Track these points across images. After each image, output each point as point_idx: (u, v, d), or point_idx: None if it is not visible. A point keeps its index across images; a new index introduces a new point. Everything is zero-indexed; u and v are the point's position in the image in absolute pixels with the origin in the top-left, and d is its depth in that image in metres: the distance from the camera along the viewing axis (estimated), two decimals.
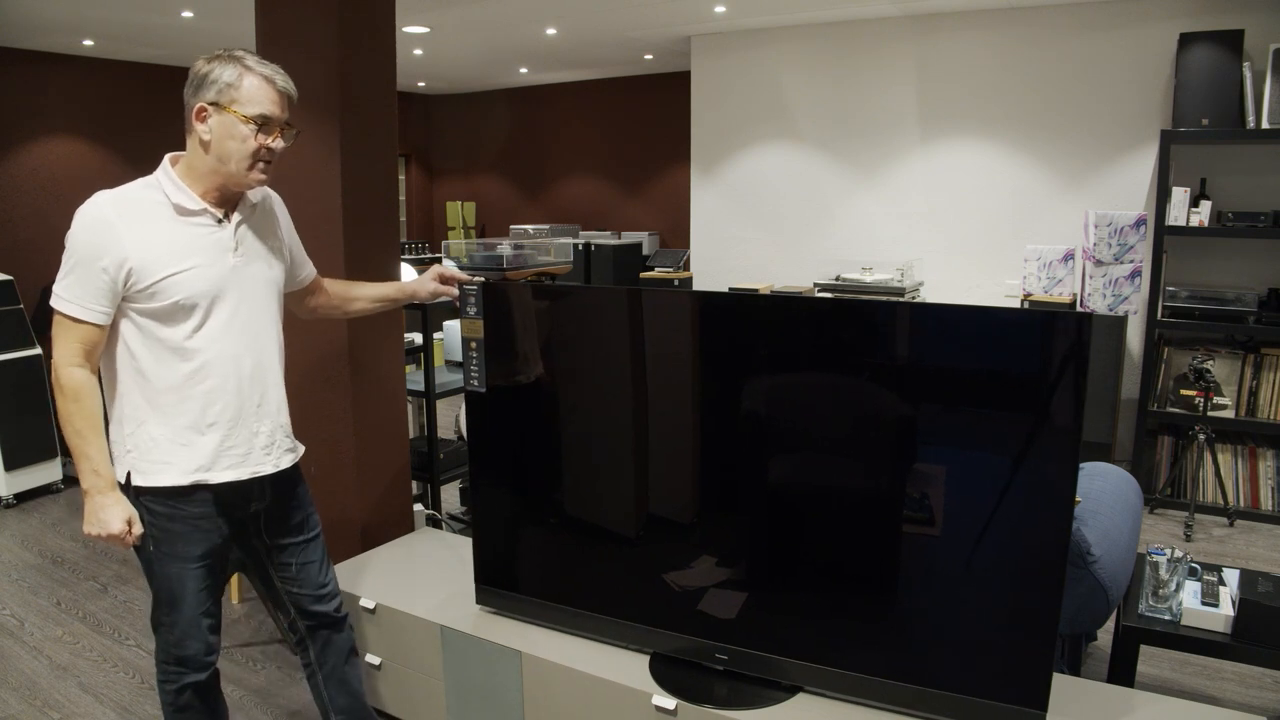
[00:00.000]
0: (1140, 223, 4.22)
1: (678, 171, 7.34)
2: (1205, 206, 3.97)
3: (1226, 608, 2.03)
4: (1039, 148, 4.88)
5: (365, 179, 2.53)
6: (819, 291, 4.95)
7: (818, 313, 1.86)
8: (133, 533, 1.63)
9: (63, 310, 1.59)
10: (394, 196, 2.67)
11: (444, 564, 2.47)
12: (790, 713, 1.78)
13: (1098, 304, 4.32)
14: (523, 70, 7.58)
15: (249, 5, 2.57)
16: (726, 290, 5.22)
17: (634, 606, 1.98)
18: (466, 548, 2.26)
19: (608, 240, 7.24)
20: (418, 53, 6.47)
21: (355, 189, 2.50)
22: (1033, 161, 4.91)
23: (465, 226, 8.85)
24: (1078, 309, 4.42)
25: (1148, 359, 4.15)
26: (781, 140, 5.69)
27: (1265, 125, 3.85)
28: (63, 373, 1.59)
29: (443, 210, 9.17)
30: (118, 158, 6.19)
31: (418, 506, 2.92)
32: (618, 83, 7.89)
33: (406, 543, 2.66)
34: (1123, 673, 2.10)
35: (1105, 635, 2.54)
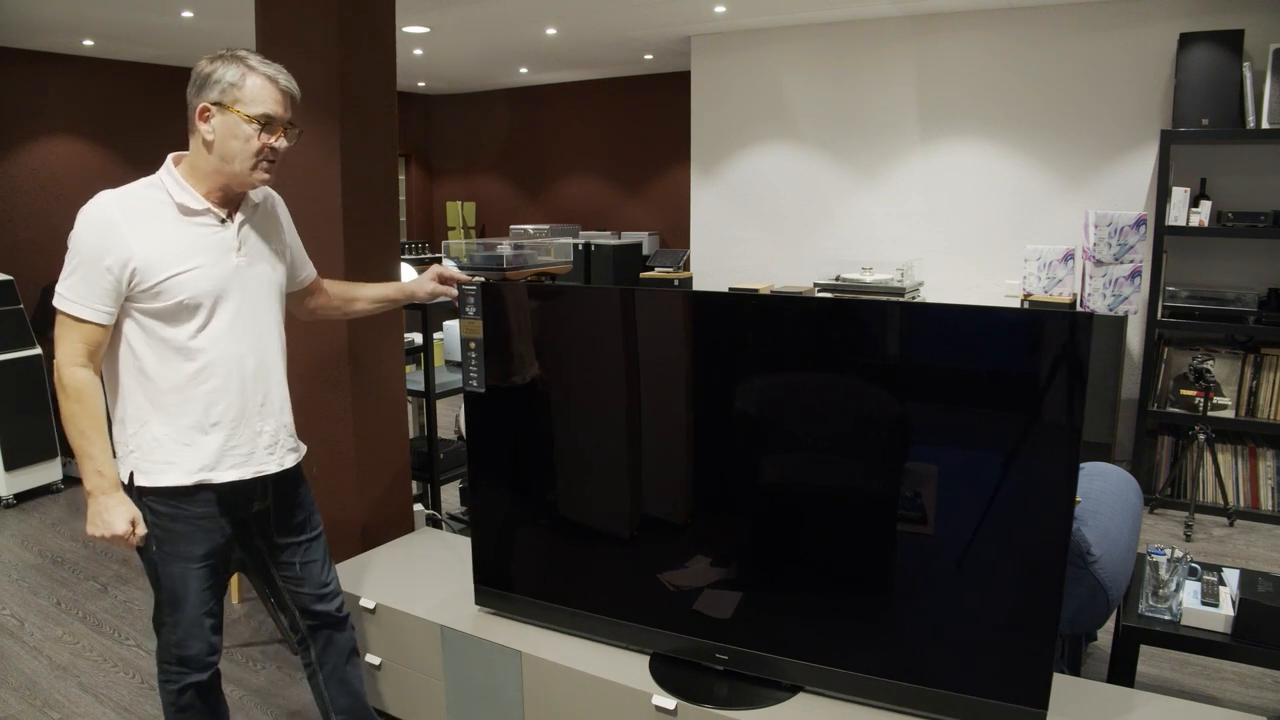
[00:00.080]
0: (1140, 223, 4.22)
1: (678, 171, 7.33)
2: (1205, 206, 3.97)
3: (1226, 608, 2.03)
4: (1039, 148, 4.88)
5: (365, 179, 2.53)
6: (819, 291, 4.95)
7: (819, 313, 1.86)
8: (136, 533, 1.62)
9: (66, 310, 1.58)
10: (394, 196, 2.67)
11: (444, 564, 2.47)
12: (791, 712, 1.78)
13: (1098, 304, 4.32)
14: (523, 70, 7.58)
15: (249, 5, 2.58)
16: (727, 290, 5.22)
17: (634, 607, 1.98)
18: (466, 548, 2.26)
19: (608, 240, 7.23)
20: (418, 53, 6.47)
21: (355, 189, 2.50)
22: (1033, 161, 4.91)
23: (465, 226, 8.85)
24: (1078, 309, 4.42)
25: (1148, 359, 4.15)
26: (781, 140, 5.69)
27: (1265, 125, 3.86)
28: (66, 373, 1.58)
29: (443, 210, 9.17)
30: (118, 158, 6.18)
31: (418, 506, 2.92)
32: (618, 83, 7.89)
33: (406, 543, 2.66)
34: (1123, 673, 2.10)
35: (1105, 635, 2.54)
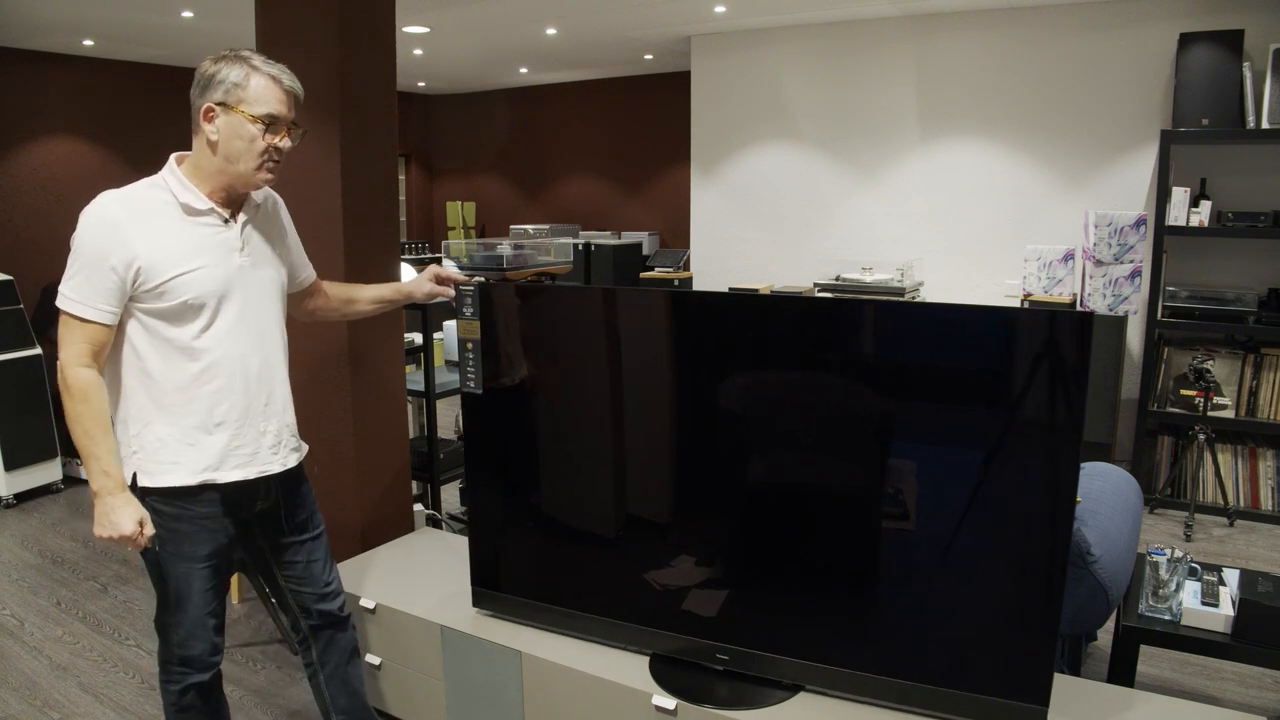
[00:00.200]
0: (1140, 223, 4.22)
1: (678, 171, 7.33)
2: (1205, 206, 3.97)
3: (1226, 608, 2.03)
4: (1039, 148, 4.88)
5: (365, 179, 2.53)
6: (819, 291, 4.95)
7: (821, 313, 1.86)
8: (144, 533, 1.60)
9: (70, 310, 1.58)
10: (394, 196, 2.67)
11: (444, 564, 2.47)
12: (792, 712, 1.78)
13: (1098, 304, 4.32)
14: (523, 70, 7.58)
15: (249, 5, 2.57)
16: (727, 290, 5.22)
17: (633, 608, 1.98)
18: (466, 548, 2.26)
19: (608, 240, 7.23)
20: (418, 53, 6.47)
21: (355, 189, 2.50)
22: (1033, 161, 4.91)
23: (465, 226, 8.85)
24: (1078, 309, 4.42)
25: (1148, 359, 4.15)
26: (781, 140, 5.69)
27: (1265, 125, 3.86)
28: (70, 373, 1.57)
29: (443, 210, 9.17)
30: (118, 158, 6.18)
31: (418, 506, 2.92)
32: (618, 83, 7.89)
33: (406, 543, 2.66)
34: (1123, 673, 2.10)
35: (1105, 635, 2.54)
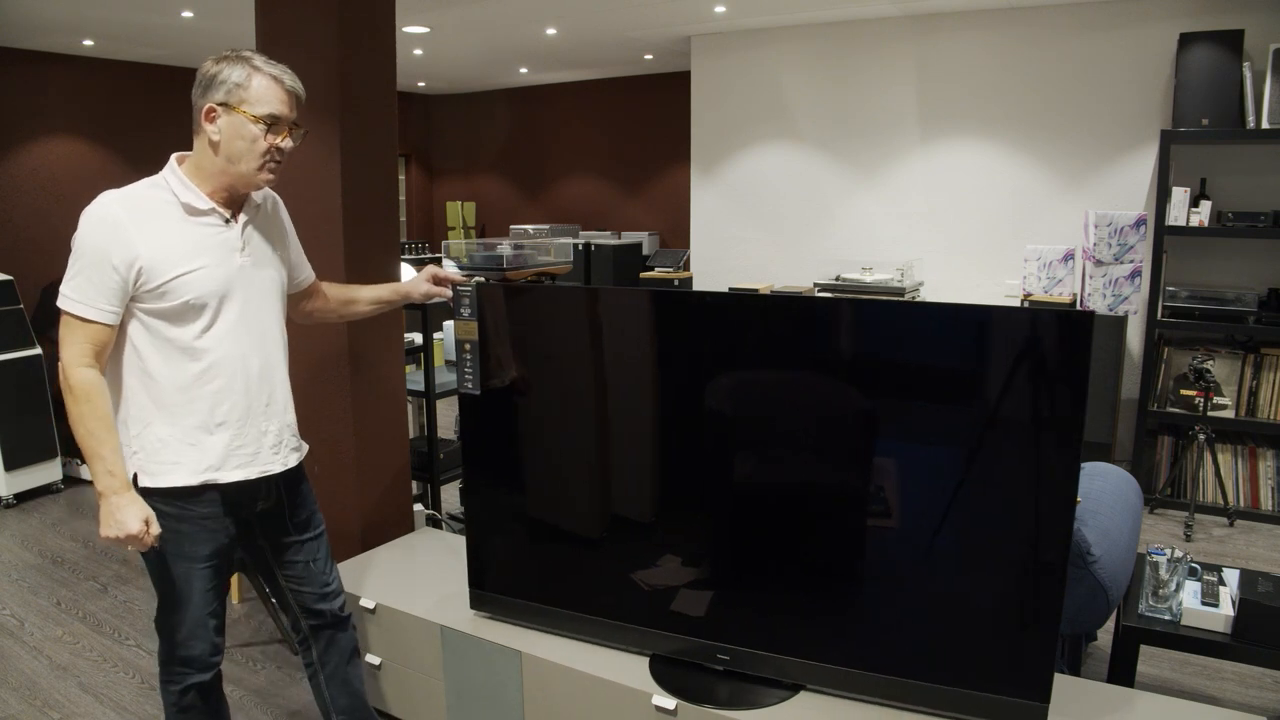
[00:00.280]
0: (1140, 223, 4.22)
1: (678, 171, 7.33)
2: (1205, 206, 3.97)
3: (1226, 608, 2.03)
4: (1039, 148, 4.88)
5: (365, 179, 2.53)
6: (819, 291, 4.95)
7: (824, 313, 1.86)
8: (151, 532, 1.59)
9: (71, 311, 1.57)
10: (394, 196, 2.67)
11: (444, 564, 2.46)
12: (793, 712, 1.78)
13: (1098, 304, 4.32)
14: (523, 70, 7.58)
15: (249, 5, 2.57)
16: (727, 290, 5.22)
17: (632, 609, 1.98)
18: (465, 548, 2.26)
19: (608, 240, 7.23)
20: (418, 53, 6.47)
21: (355, 189, 2.50)
22: (1033, 161, 4.91)
23: (465, 226, 8.85)
24: (1078, 309, 4.42)
25: (1148, 359, 4.15)
26: (781, 140, 5.69)
27: (1265, 125, 3.86)
28: (72, 373, 1.57)
29: (443, 210, 9.17)
30: (118, 158, 6.18)
31: (418, 506, 2.92)
32: (618, 83, 7.89)
33: (406, 543, 2.66)
34: (1123, 673, 2.10)
35: (1105, 635, 2.54)
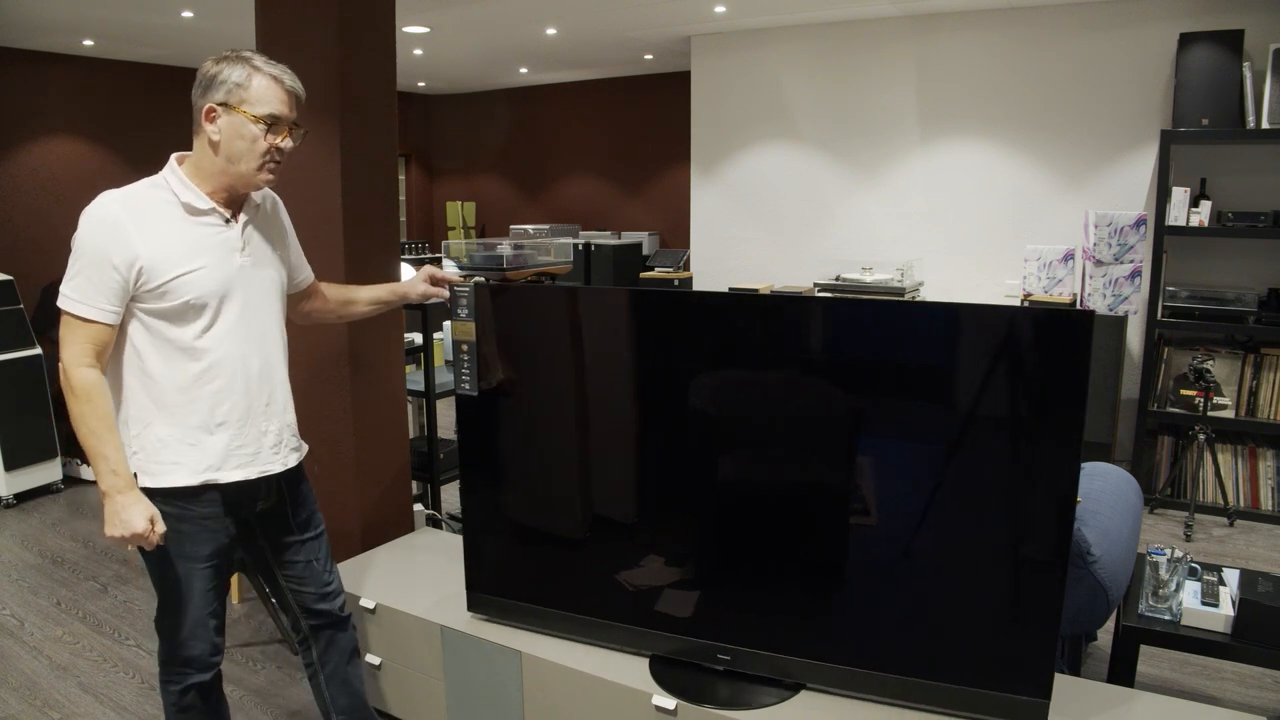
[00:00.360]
0: (1140, 223, 4.22)
1: (678, 171, 7.33)
2: (1205, 206, 3.97)
3: (1226, 608, 2.03)
4: (1039, 148, 4.88)
5: (365, 179, 2.53)
6: (819, 291, 4.95)
7: (825, 312, 1.86)
8: (156, 530, 1.59)
9: (72, 311, 1.57)
10: (394, 196, 2.67)
11: (444, 564, 2.46)
12: (793, 711, 1.78)
13: (1098, 304, 4.32)
14: (523, 70, 7.58)
15: (249, 5, 2.57)
16: (727, 290, 5.22)
17: (631, 610, 1.97)
18: None
19: (608, 240, 7.23)
20: (418, 53, 6.47)
21: (355, 189, 2.50)
22: (1033, 161, 4.91)
23: (465, 226, 8.85)
24: (1078, 309, 4.42)
25: (1148, 359, 4.15)
26: (781, 140, 5.69)
27: (1265, 125, 3.86)
28: (74, 373, 1.57)
29: (443, 210, 9.17)
30: (118, 158, 6.18)
31: (418, 506, 2.92)
32: (618, 83, 7.89)
33: (406, 543, 2.66)
34: (1123, 673, 2.10)
35: (1105, 635, 2.54)
